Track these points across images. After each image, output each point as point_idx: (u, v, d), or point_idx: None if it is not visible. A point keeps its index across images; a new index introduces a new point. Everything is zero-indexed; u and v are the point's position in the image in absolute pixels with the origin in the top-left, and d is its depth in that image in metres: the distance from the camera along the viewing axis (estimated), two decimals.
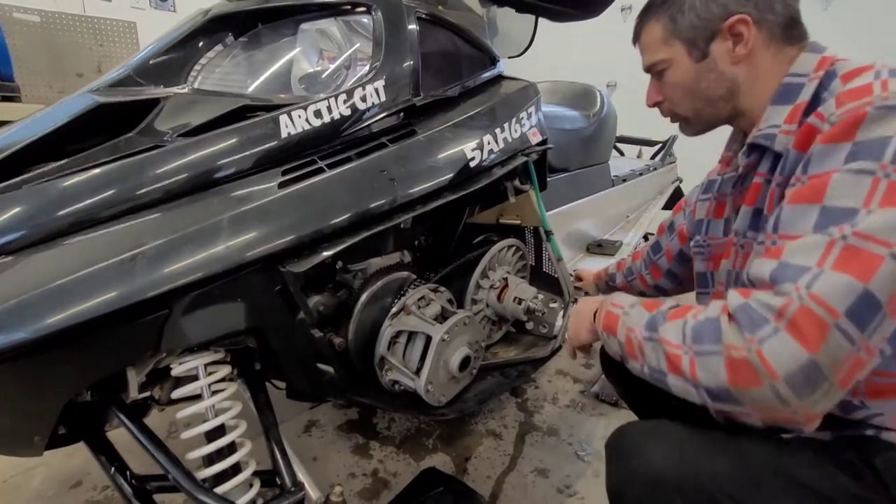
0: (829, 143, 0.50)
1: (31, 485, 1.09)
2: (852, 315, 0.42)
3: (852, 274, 0.43)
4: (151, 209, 0.63)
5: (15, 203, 0.59)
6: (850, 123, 0.49)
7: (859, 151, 0.47)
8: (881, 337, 0.44)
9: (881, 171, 0.45)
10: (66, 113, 0.69)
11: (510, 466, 1.22)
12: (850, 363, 0.43)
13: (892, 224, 0.43)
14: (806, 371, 0.43)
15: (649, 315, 0.58)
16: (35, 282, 0.53)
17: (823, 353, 0.43)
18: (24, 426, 0.62)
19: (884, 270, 0.42)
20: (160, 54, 0.81)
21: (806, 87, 0.59)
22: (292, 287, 0.68)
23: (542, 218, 1.14)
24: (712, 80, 0.66)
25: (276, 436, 0.75)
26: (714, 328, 0.49)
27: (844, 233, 0.44)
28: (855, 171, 0.46)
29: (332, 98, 0.76)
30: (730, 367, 0.46)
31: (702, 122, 0.72)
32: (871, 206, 0.44)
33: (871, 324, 0.43)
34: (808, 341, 0.43)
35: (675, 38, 0.67)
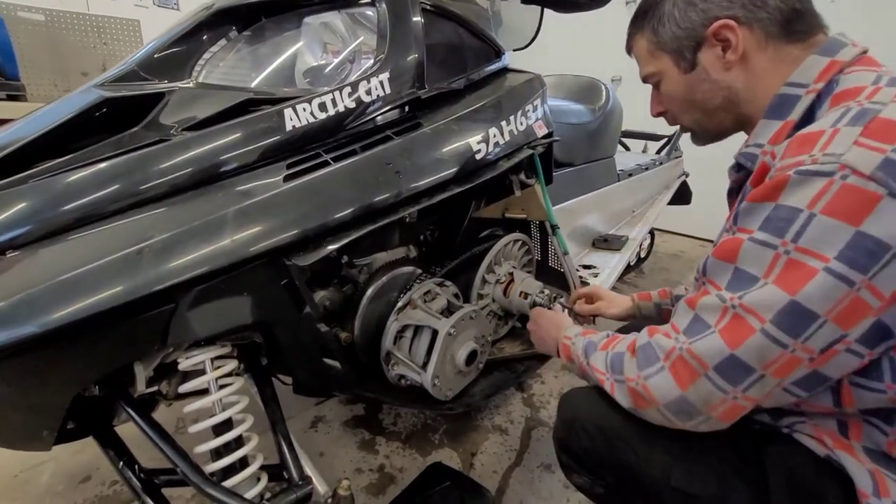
0: (755, 203, 0.50)
1: (41, 480, 1.10)
2: (720, 371, 0.50)
3: (725, 340, 0.49)
4: (157, 203, 0.63)
5: (21, 198, 0.59)
6: (774, 187, 0.48)
7: (772, 220, 0.48)
8: (764, 391, 0.50)
9: (782, 247, 0.47)
10: (72, 108, 0.69)
11: (516, 462, 1.21)
12: (726, 406, 0.51)
13: (770, 302, 0.46)
14: (678, 403, 0.54)
15: (587, 342, 0.71)
16: (42, 276, 0.53)
17: (692, 392, 0.52)
18: (32, 420, 0.62)
19: (751, 341, 0.48)
20: (164, 49, 0.80)
21: (801, 102, 0.54)
22: (298, 281, 0.67)
23: (549, 212, 1.13)
24: (707, 90, 0.62)
25: (283, 430, 0.75)
26: (620, 362, 0.62)
27: (734, 302, 0.49)
28: (760, 243, 0.48)
29: (336, 91, 0.76)
30: (630, 393, 0.59)
31: (706, 132, 0.69)
32: (769, 279, 0.47)
33: (743, 381, 0.49)
34: (680, 383, 0.53)
35: (661, 51, 0.65)
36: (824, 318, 0.44)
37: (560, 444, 0.71)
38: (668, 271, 2.64)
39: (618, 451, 0.61)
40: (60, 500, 1.04)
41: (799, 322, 0.45)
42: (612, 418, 0.63)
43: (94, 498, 1.05)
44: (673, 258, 2.86)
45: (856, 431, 0.53)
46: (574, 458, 0.68)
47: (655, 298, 0.96)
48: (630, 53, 0.73)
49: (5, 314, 0.50)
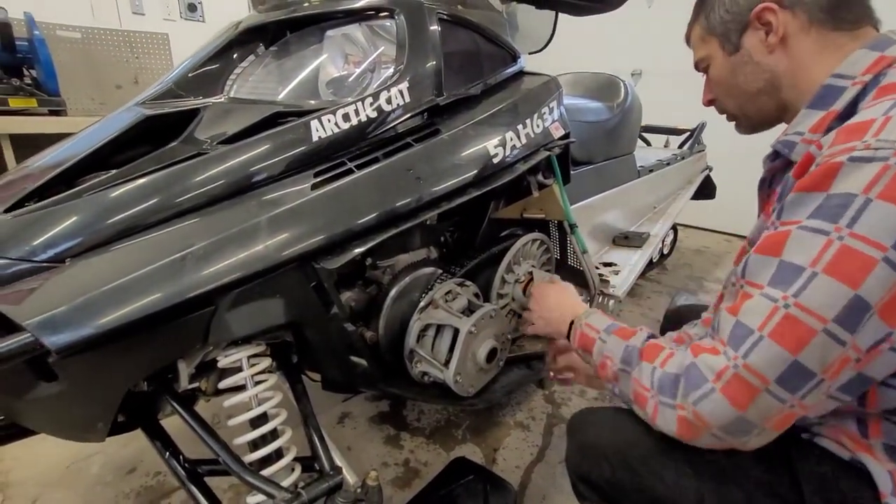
0: (803, 193, 0.48)
1: (91, 470, 1.17)
2: (782, 382, 0.46)
3: (785, 346, 0.45)
4: (196, 213, 0.68)
5: (77, 212, 0.65)
6: (825, 174, 0.46)
7: (823, 207, 0.46)
8: (819, 397, 0.47)
9: (835, 233, 0.44)
10: (117, 126, 0.75)
11: (538, 457, 1.23)
12: (781, 415, 0.48)
13: (835, 297, 0.43)
14: (736, 424, 0.48)
15: (625, 347, 0.63)
16: (98, 282, 0.58)
17: (752, 411, 0.47)
18: (89, 413, 0.67)
19: (815, 342, 0.44)
20: (198, 67, 0.86)
21: (846, 93, 0.53)
22: (326, 283, 0.71)
23: (566, 211, 1.14)
24: (749, 72, 0.64)
25: (314, 424, 0.79)
26: (673, 384, 0.53)
27: (787, 301, 0.45)
28: (811, 230, 0.46)
29: (359, 102, 0.79)
30: (679, 422, 0.52)
31: (749, 119, 0.69)
32: (817, 268, 0.44)
33: (803, 388, 0.46)
34: (737, 403, 0.47)
35: (710, 35, 0.67)
36: (873, 311, 0.43)
37: (577, 474, 0.66)
38: (691, 267, 2.60)
39: (643, 480, 0.58)
40: (109, 489, 1.12)
41: (857, 316, 0.43)
42: (634, 444, 0.60)
43: (139, 488, 1.12)
44: (697, 253, 2.82)
45: (875, 430, 0.52)
46: (594, 487, 0.64)
47: None
48: (688, 43, 0.74)
49: (67, 317, 0.55)
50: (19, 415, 0.70)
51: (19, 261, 0.61)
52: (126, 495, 1.10)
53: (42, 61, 2.01)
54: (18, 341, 0.53)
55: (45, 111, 2.06)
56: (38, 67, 2.04)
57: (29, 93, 2.02)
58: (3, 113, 1.95)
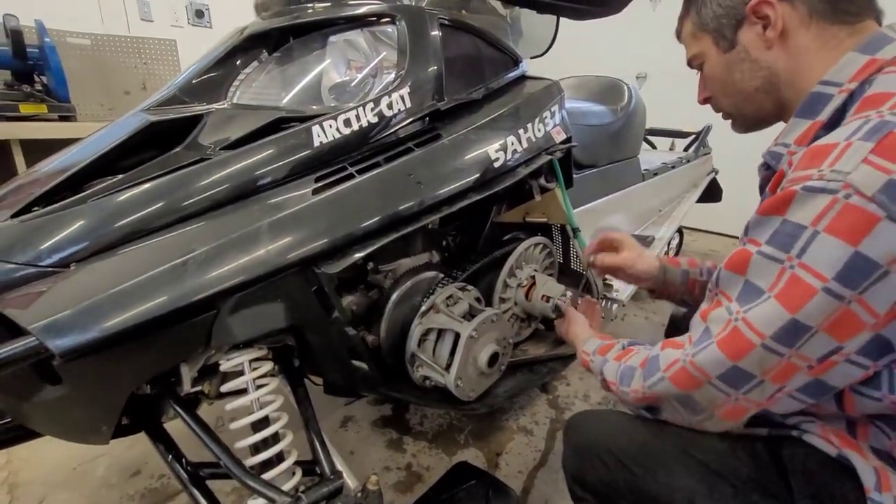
0: (763, 216, 0.50)
1: (97, 473, 1.19)
2: (724, 379, 0.52)
3: (725, 351, 0.51)
4: (199, 217, 0.69)
5: (82, 217, 0.66)
6: (783, 200, 0.48)
7: (779, 234, 0.48)
8: (765, 395, 0.51)
9: (787, 262, 0.47)
10: (123, 132, 0.76)
11: (541, 462, 1.23)
12: (728, 406, 0.54)
13: (771, 319, 0.47)
14: (682, 399, 0.56)
15: (601, 360, 0.71)
16: (102, 287, 0.59)
17: (697, 395, 0.55)
18: (93, 416, 0.68)
19: (752, 354, 0.49)
20: (202, 73, 0.87)
21: (832, 102, 0.52)
22: (327, 287, 0.72)
23: (569, 215, 1.14)
24: (746, 70, 0.61)
25: (315, 427, 0.79)
26: (630, 376, 0.63)
27: (738, 316, 0.50)
28: (768, 256, 0.49)
29: (360, 107, 0.80)
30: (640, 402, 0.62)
31: (745, 118, 0.67)
32: (772, 293, 0.48)
33: (743, 386, 0.51)
34: (683, 387, 0.55)
35: (703, 31, 0.64)
36: (816, 329, 0.46)
37: (573, 477, 0.68)
38: None
39: (638, 480, 0.60)
40: (114, 491, 1.13)
41: (796, 335, 0.46)
42: (628, 445, 0.62)
43: (143, 490, 1.13)
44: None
45: (863, 432, 0.54)
46: (590, 490, 0.66)
47: (685, 265, 0.91)
48: (679, 39, 0.72)
49: (71, 321, 0.56)
50: (25, 417, 0.71)
51: (25, 265, 0.62)
52: (130, 497, 1.11)
53: (52, 68, 2.04)
54: (23, 345, 0.53)
55: (55, 117, 2.10)
56: (49, 74, 2.07)
57: (39, 99, 2.06)
58: (13, 119, 1.99)
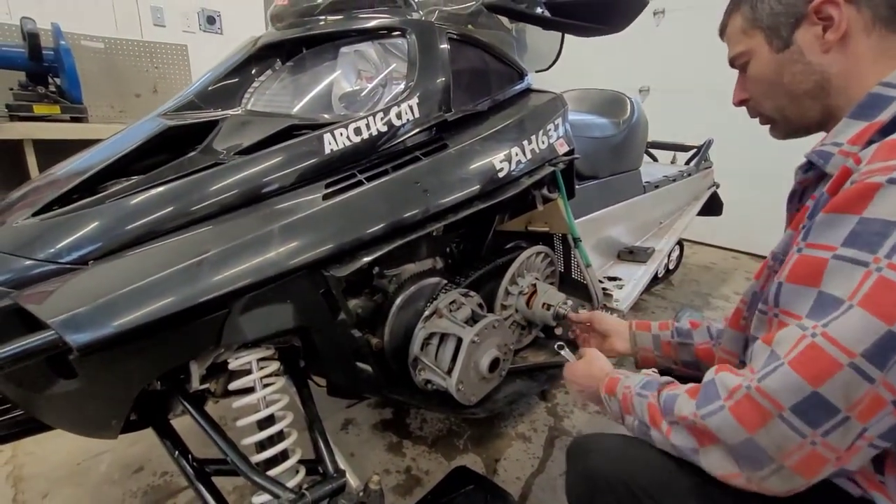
0: (835, 214, 0.45)
1: (100, 469, 1.20)
2: (799, 411, 0.43)
3: (803, 375, 0.43)
4: (213, 220, 0.71)
5: (101, 217, 0.68)
6: (860, 193, 0.43)
7: (860, 234, 0.43)
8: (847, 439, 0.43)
9: (874, 264, 0.41)
10: (140, 135, 0.79)
11: (539, 469, 1.24)
12: (803, 452, 0.44)
13: (864, 332, 0.41)
14: (746, 446, 0.46)
15: (646, 380, 0.62)
16: (118, 284, 0.61)
17: (763, 435, 0.44)
18: (104, 411, 0.70)
19: (838, 377, 0.41)
20: (218, 80, 0.90)
21: (893, 104, 0.49)
22: (335, 290, 0.74)
23: (571, 225, 1.16)
24: (797, 72, 0.58)
25: (319, 427, 0.81)
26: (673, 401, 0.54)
27: (815, 331, 0.43)
28: (849, 260, 0.43)
29: (370, 116, 0.83)
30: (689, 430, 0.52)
31: (788, 123, 0.63)
32: (854, 300, 0.42)
33: (825, 423, 0.42)
34: (746, 423, 0.45)
35: (755, 28, 0.60)
36: None
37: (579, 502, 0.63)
38: (697, 283, 2.60)
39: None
40: (117, 487, 1.14)
41: (890, 352, 0.40)
42: (643, 477, 0.56)
43: (146, 487, 1.14)
44: (703, 270, 2.81)
45: (891, 465, 0.49)
46: None
47: (654, 329, 0.87)
48: (722, 36, 0.68)
49: (89, 316, 0.58)
50: (37, 410, 0.73)
51: (45, 262, 0.65)
52: (133, 494, 1.12)
53: (67, 70, 2.09)
54: (43, 338, 0.55)
55: (68, 118, 2.14)
56: (63, 76, 2.11)
57: (53, 100, 2.10)
58: (27, 119, 2.03)
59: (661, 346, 0.86)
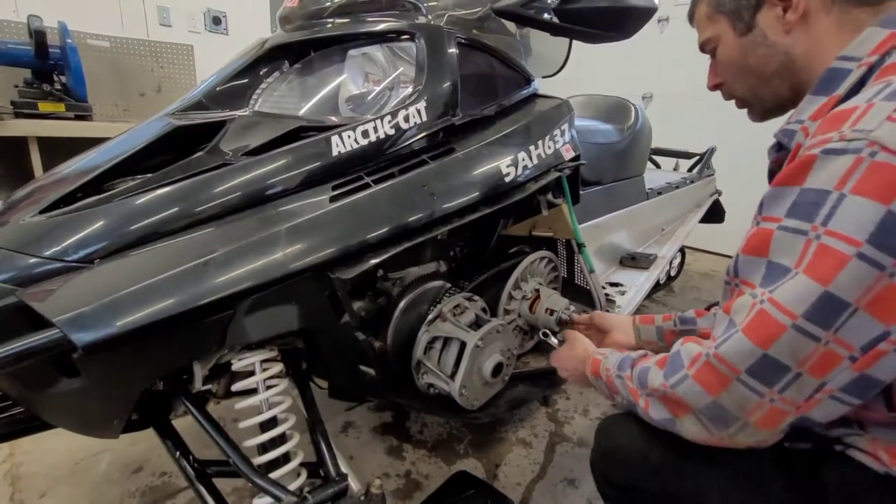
0: (779, 187, 0.47)
1: (99, 468, 1.19)
2: (754, 373, 0.46)
3: (752, 339, 0.46)
4: (219, 220, 0.71)
5: (108, 216, 0.68)
6: (800, 167, 0.45)
7: (798, 205, 0.45)
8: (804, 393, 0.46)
9: (812, 232, 0.44)
10: (148, 134, 0.79)
11: (540, 475, 1.23)
12: (762, 410, 0.47)
13: (802, 295, 0.43)
14: (711, 409, 0.50)
15: (621, 357, 0.67)
16: (124, 284, 0.61)
17: (726, 397, 0.48)
18: (106, 410, 0.69)
19: (783, 339, 0.44)
20: (226, 81, 0.90)
21: (850, 76, 0.50)
22: (340, 292, 0.74)
23: (575, 231, 1.16)
24: (762, 54, 0.59)
25: (321, 430, 0.81)
26: (646, 374, 0.59)
27: (763, 297, 0.46)
28: (791, 230, 0.46)
29: (377, 119, 0.83)
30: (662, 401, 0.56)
31: (762, 103, 0.65)
32: (800, 268, 0.44)
33: (778, 381, 0.46)
34: (708, 388, 0.49)
35: (719, 13, 0.62)
36: (855, 306, 0.41)
37: (603, 477, 0.67)
38: (699, 290, 2.59)
39: (667, 485, 0.58)
40: (115, 487, 1.14)
41: (832, 313, 0.42)
42: (660, 451, 0.59)
43: (145, 487, 1.14)
44: (705, 277, 2.81)
45: None
46: (620, 490, 0.64)
47: (658, 321, 0.89)
48: (692, 22, 0.70)
49: (94, 315, 0.58)
50: (40, 408, 0.72)
51: (51, 260, 0.64)
52: (132, 494, 1.12)
53: (72, 68, 2.09)
54: (48, 337, 0.55)
55: (72, 116, 2.14)
56: (68, 74, 2.12)
57: (58, 98, 2.10)
58: (32, 116, 2.03)
59: (664, 335, 0.88)
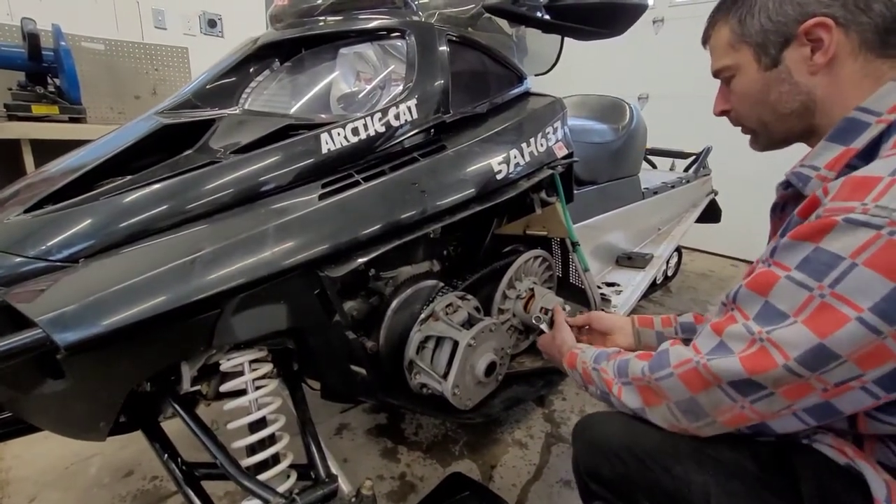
0: (796, 241, 0.50)
1: (89, 472, 1.18)
2: (734, 386, 0.52)
3: (745, 366, 0.50)
4: (207, 218, 0.71)
5: (93, 214, 0.67)
6: (820, 228, 0.47)
7: (810, 261, 0.48)
8: (772, 408, 0.51)
9: (818, 290, 0.47)
10: (136, 133, 0.78)
11: (535, 476, 1.22)
12: (732, 413, 0.53)
13: (798, 341, 0.47)
14: (688, 403, 0.56)
15: (597, 352, 0.73)
16: (109, 282, 0.60)
17: (703, 396, 0.54)
18: (92, 412, 0.68)
19: (771, 373, 0.49)
20: (215, 80, 0.89)
21: (868, 131, 0.51)
22: (330, 291, 0.73)
23: (569, 229, 1.16)
24: (784, 91, 0.59)
25: (311, 431, 0.80)
26: (626, 365, 0.65)
27: (762, 336, 0.50)
28: (797, 282, 0.49)
29: (368, 117, 0.82)
30: (639, 391, 0.62)
31: (770, 137, 0.66)
32: (798, 318, 0.48)
33: (752, 396, 0.51)
34: (692, 388, 0.55)
35: (743, 43, 0.61)
36: (845, 359, 0.45)
37: (588, 472, 0.68)
38: (695, 290, 2.59)
39: (655, 475, 0.60)
40: (105, 491, 1.12)
41: (821, 361, 0.46)
42: (643, 441, 0.62)
43: (135, 491, 1.12)
44: (702, 277, 2.81)
45: (870, 447, 0.54)
46: (605, 484, 0.66)
47: (658, 326, 0.90)
48: (706, 45, 0.69)
49: (77, 315, 0.57)
50: (24, 410, 0.71)
51: (35, 259, 0.64)
52: (122, 498, 1.10)
53: (66, 71, 2.08)
54: (30, 337, 0.54)
55: (66, 118, 2.13)
56: (62, 76, 2.11)
57: (51, 100, 2.09)
58: (25, 119, 2.02)
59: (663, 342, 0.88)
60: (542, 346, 0.95)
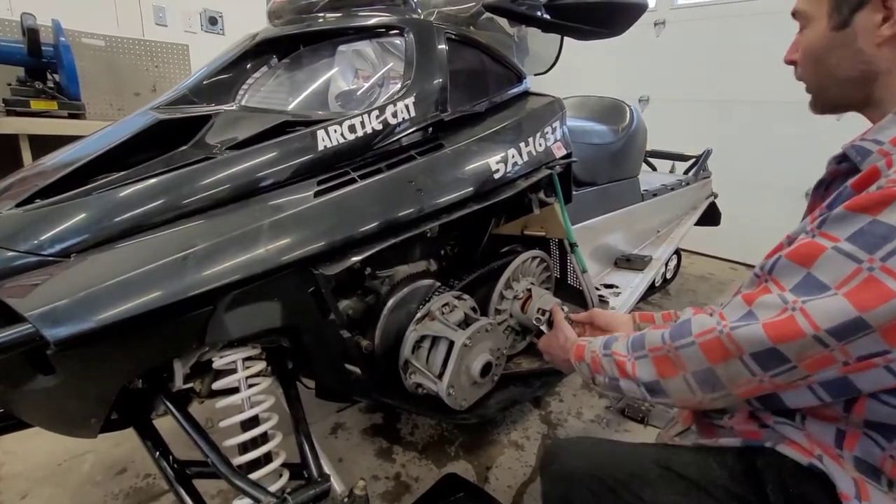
0: (850, 212, 0.47)
1: (82, 469, 1.17)
2: (756, 358, 0.50)
3: (769, 333, 0.48)
4: (202, 214, 0.70)
5: (86, 209, 0.67)
6: (880, 200, 0.45)
7: (864, 233, 0.46)
8: (791, 379, 0.50)
9: (867, 263, 0.45)
10: (131, 128, 0.78)
11: (531, 478, 1.21)
12: (750, 386, 0.52)
13: (835, 314, 0.45)
14: (706, 374, 0.54)
15: (606, 338, 0.70)
16: (101, 278, 0.59)
17: (723, 368, 0.53)
18: (83, 409, 0.68)
19: (798, 342, 0.47)
20: (213, 75, 0.89)
21: None
22: (324, 289, 0.72)
23: (567, 230, 1.15)
24: (845, 56, 0.56)
25: (305, 430, 0.79)
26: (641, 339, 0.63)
27: (795, 305, 0.48)
28: (845, 254, 0.46)
29: (365, 114, 0.82)
30: (655, 362, 0.60)
31: (825, 101, 0.63)
32: (840, 291, 0.46)
33: (773, 370, 0.49)
34: (711, 358, 0.53)
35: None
36: (872, 329, 0.44)
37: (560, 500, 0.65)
38: (695, 293, 2.58)
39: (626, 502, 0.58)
40: (98, 489, 1.11)
41: (852, 332, 0.45)
42: (611, 468, 0.61)
43: (128, 489, 1.12)
44: (701, 280, 2.80)
45: (851, 442, 0.53)
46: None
47: (659, 321, 0.90)
48: None
49: (68, 310, 0.56)
50: (15, 406, 0.70)
51: (27, 254, 0.63)
52: (115, 496, 1.10)
53: (66, 66, 2.08)
54: (19, 332, 0.54)
55: (65, 114, 2.12)
56: (62, 72, 2.10)
57: (50, 96, 2.08)
58: (24, 114, 2.01)
59: None
60: (543, 346, 0.93)
